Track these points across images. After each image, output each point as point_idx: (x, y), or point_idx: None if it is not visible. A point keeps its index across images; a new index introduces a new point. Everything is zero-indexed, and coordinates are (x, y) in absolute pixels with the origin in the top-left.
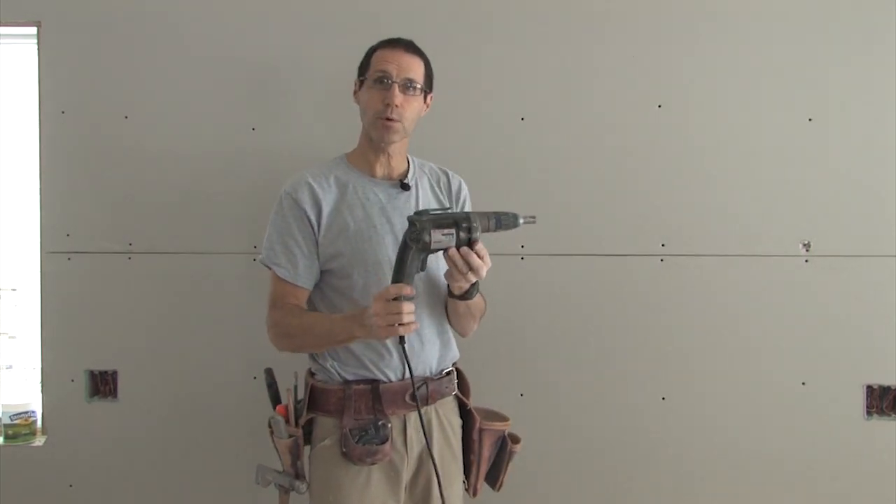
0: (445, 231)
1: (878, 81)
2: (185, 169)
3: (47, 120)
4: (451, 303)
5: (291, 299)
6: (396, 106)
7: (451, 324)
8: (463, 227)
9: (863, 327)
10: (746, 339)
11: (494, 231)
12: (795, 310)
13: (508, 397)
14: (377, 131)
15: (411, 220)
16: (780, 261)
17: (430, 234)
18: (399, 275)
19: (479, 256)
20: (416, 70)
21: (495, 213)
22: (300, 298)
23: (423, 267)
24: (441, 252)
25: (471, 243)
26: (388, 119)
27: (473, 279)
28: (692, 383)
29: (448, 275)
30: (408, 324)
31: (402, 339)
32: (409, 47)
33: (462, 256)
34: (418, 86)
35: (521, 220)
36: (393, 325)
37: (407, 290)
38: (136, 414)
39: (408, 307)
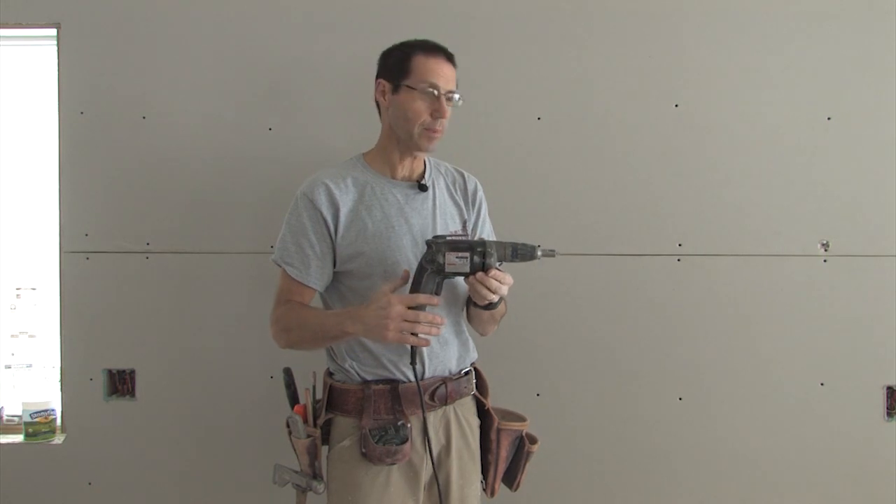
0: (460, 255)
1: None
2: (203, 169)
3: (66, 120)
4: (474, 310)
5: (297, 297)
6: (444, 118)
7: (471, 324)
8: (477, 252)
9: (882, 328)
10: (764, 339)
11: (511, 261)
12: (814, 310)
13: (524, 397)
14: (423, 141)
15: (428, 243)
16: (798, 261)
17: (444, 257)
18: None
19: (497, 280)
20: (454, 81)
21: (513, 243)
22: (305, 298)
23: (438, 290)
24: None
25: (485, 269)
26: (436, 130)
27: (495, 299)
28: (709, 384)
29: (472, 294)
30: (422, 338)
31: (412, 350)
32: (451, 58)
33: (480, 282)
34: (458, 98)
35: (540, 253)
36: (405, 332)
37: (435, 300)
38: (153, 413)
39: (426, 318)
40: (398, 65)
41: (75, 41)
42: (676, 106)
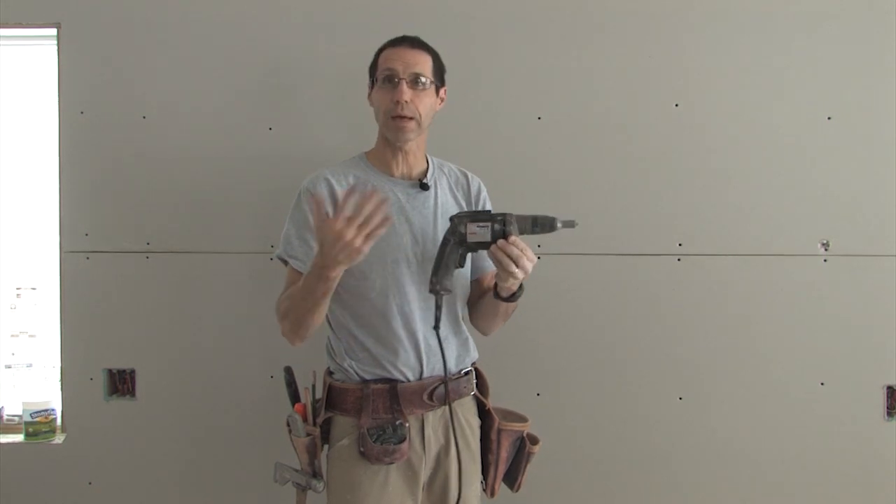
0: (481, 224)
1: None
2: (203, 168)
3: (66, 120)
4: (491, 304)
5: None
6: (406, 102)
7: (477, 322)
8: (498, 221)
9: (883, 327)
10: (764, 339)
11: (531, 233)
12: (814, 310)
13: (524, 397)
14: (391, 131)
15: (451, 218)
16: (798, 260)
17: (465, 227)
18: (437, 268)
19: (519, 249)
20: (423, 65)
21: (533, 215)
22: None
23: (461, 263)
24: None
25: (506, 236)
26: (400, 117)
27: (521, 276)
28: (709, 383)
29: (497, 276)
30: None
31: (437, 325)
32: (415, 43)
33: (501, 249)
34: (427, 80)
35: (560, 224)
36: (350, 250)
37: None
38: (154, 412)
39: (362, 216)
40: (373, 64)
41: (75, 41)
42: (676, 106)
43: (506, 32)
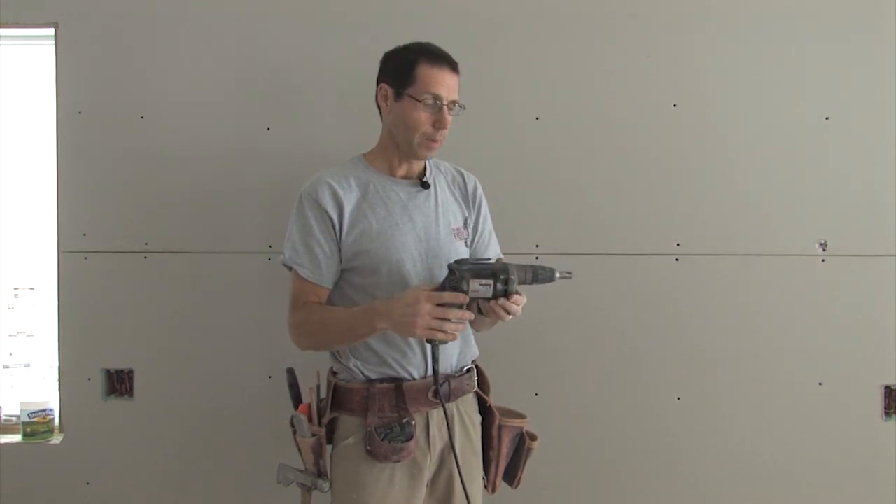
0: (483, 282)
1: (895, 80)
2: (201, 168)
3: (64, 120)
4: (479, 316)
5: (312, 297)
6: (445, 129)
7: (471, 324)
8: (500, 279)
9: (881, 327)
10: (762, 339)
11: (530, 284)
12: (812, 310)
13: (523, 396)
14: (421, 149)
15: (451, 269)
16: (796, 260)
17: (468, 284)
18: None
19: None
20: (457, 90)
21: (532, 266)
22: (321, 297)
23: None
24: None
25: (507, 294)
26: (435, 140)
27: (509, 318)
28: (707, 383)
29: (487, 313)
30: (449, 332)
31: (434, 344)
32: (454, 67)
33: (502, 307)
34: (459, 108)
35: (558, 275)
36: (435, 329)
37: (461, 297)
38: (151, 412)
39: (455, 314)
40: (401, 71)
41: (73, 41)
42: (675, 106)
43: (504, 32)
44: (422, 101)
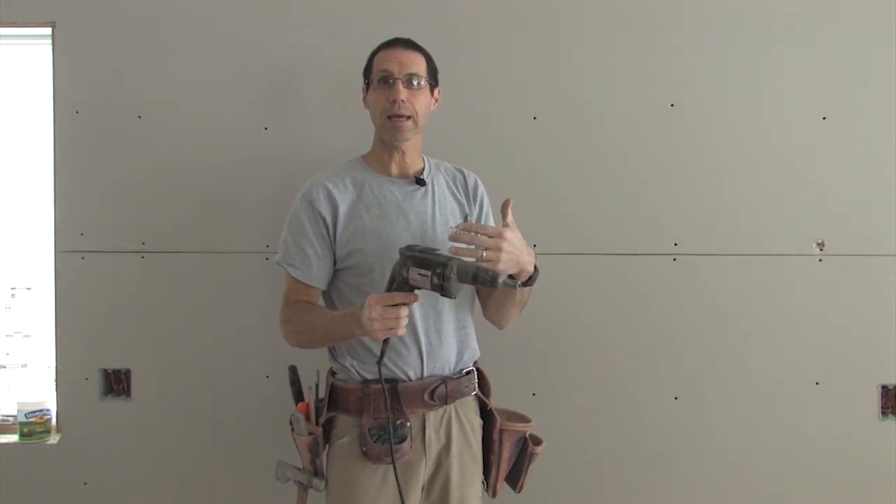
0: (422, 272)
1: (893, 80)
2: (198, 168)
3: (61, 120)
4: (500, 292)
5: (303, 297)
6: (403, 101)
7: (493, 315)
8: (437, 273)
9: (877, 327)
10: (759, 338)
11: (471, 284)
12: (809, 309)
13: (521, 396)
14: (388, 131)
15: (400, 252)
16: (793, 260)
17: (408, 271)
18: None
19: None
20: (417, 65)
21: (477, 267)
22: (312, 297)
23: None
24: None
25: (444, 291)
26: (397, 116)
27: (498, 259)
28: (705, 383)
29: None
30: (399, 330)
31: (382, 349)
32: (408, 44)
33: (466, 234)
34: (422, 79)
35: (501, 281)
36: (392, 328)
37: (412, 297)
38: (149, 412)
39: (404, 312)
40: (367, 66)
41: (70, 40)
42: (672, 105)
43: (501, 33)
44: (376, 82)
